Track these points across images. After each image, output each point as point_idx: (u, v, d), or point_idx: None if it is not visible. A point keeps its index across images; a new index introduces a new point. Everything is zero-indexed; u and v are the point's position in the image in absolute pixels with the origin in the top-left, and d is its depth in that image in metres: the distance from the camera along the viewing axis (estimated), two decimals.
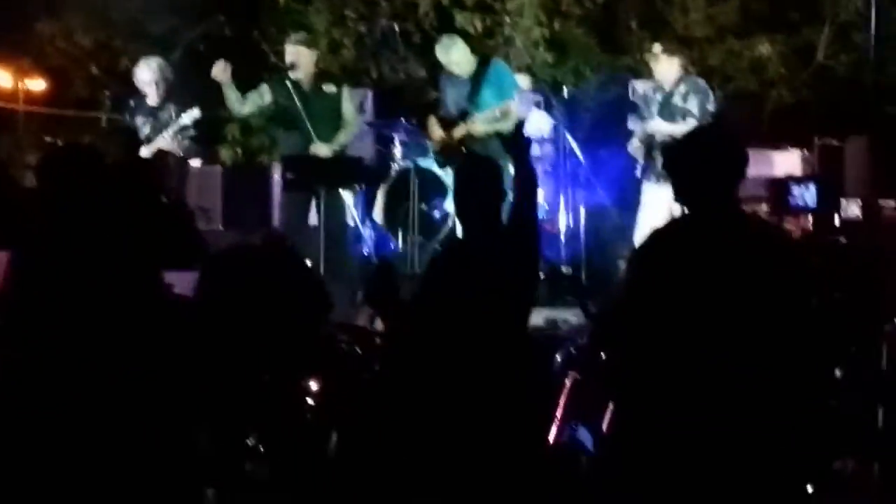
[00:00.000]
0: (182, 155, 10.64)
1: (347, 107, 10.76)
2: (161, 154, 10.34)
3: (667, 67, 11.14)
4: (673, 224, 5.11)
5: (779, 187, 10.11)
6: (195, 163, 14.75)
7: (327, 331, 6.72)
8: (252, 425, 5.79)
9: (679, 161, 4.99)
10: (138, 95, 10.76)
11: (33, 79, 16.27)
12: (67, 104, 15.95)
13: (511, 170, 10.56)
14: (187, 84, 17.02)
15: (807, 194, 9.79)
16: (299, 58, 10.55)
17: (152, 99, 10.68)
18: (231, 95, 10.42)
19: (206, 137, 15.91)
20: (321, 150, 10.27)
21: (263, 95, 10.53)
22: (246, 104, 10.52)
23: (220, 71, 10.27)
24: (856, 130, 13.40)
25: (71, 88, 15.93)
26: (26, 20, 16.60)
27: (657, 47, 11.43)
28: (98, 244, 5.20)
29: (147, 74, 10.73)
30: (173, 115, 10.52)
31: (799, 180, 10.10)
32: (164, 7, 16.83)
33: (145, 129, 10.51)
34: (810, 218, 10.70)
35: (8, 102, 15.91)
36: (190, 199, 11.45)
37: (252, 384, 5.71)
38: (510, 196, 6.33)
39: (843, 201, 10.49)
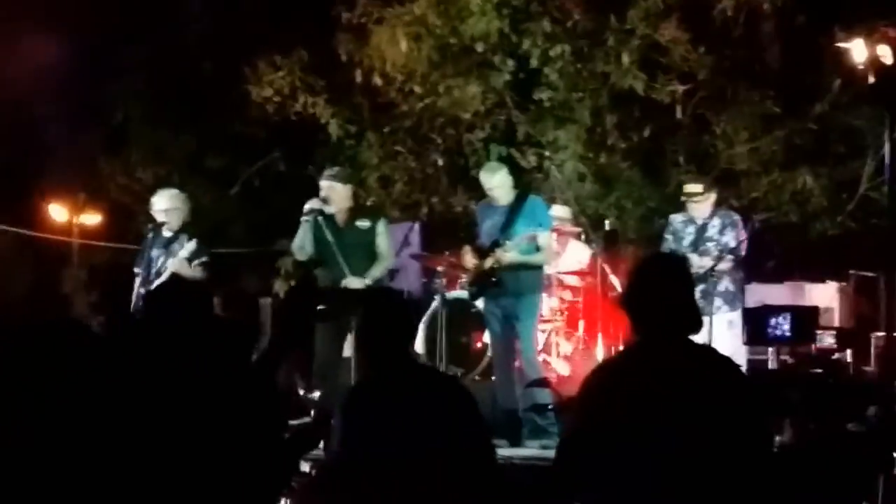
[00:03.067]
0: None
1: (382, 241, 10.88)
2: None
3: (703, 206, 11.36)
4: (620, 354, 5.18)
5: (755, 317, 10.13)
6: None
7: None
8: None
9: (627, 294, 5.01)
10: (157, 227, 11.00)
11: (89, 214, 16.71)
12: (129, 239, 16.33)
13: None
14: (245, 217, 17.59)
15: (784, 324, 9.80)
16: (332, 193, 10.73)
17: (168, 229, 10.92)
18: (302, 233, 10.66)
19: (260, 269, 16.39)
20: (353, 283, 10.43)
21: (306, 232, 10.73)
22: (308, 244, 10.71)
23: (313, 205, 10.56)
24: None
25: (133, 223, 16.24)
26: (87, 157, 17.15)
27: (694, 188, 11.62)
28: None
29: (162, 203, 11.00)
30: (184, 245, 10.75)
31: (775, 310, 10.11)
32: (222, 143, 17.36)
33: (160, 261, 10.76)
34: None
35: (63, 236, 16.35)
36: None
37: None
38: None
39: (818, 332, 10.50)
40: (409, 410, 5.35)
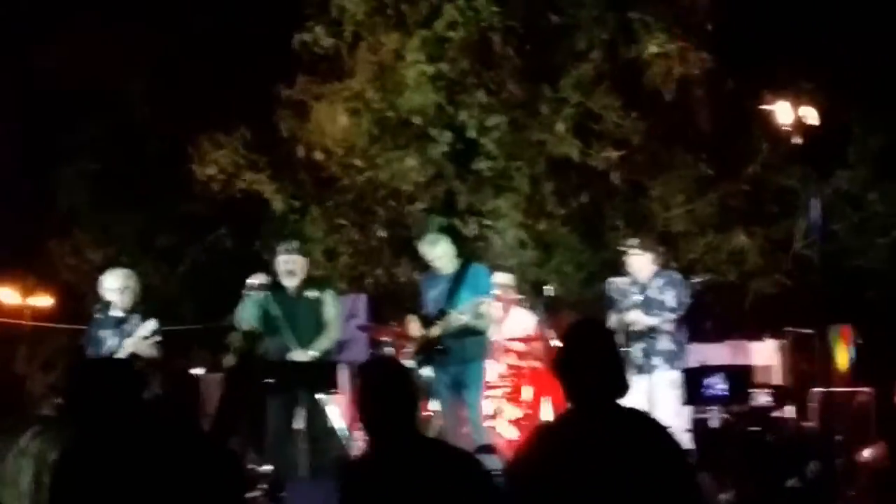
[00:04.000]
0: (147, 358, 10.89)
1: (330, 312, 11.08)
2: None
3: (641, 262, 11.64)
4: (554, 420, 5.29)
5: (692, 377, 10.35)
6: (199, 370, 15.21)
7: None
8: None
9: (557, 361, 5.07)
10: (106, 308, 11.11)
11: (39, 296, 16.81)
12: (81, 320, 16.34)
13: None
14: (193, 294, 17.74)
15: (720, 384, 10.00)
16: (295, 266, 10.97)
17: (118, 308, 11.02)
18: (250, 307, 10.87)
19: (211, 345, 16.52)
20: (301, 356, 10.61)
21: (259, 300, 10.95)
22: (254, 318, 10.94)
23: (256, 282, 10.78)
24: (837, 319, 13.79)
25: (84, 303, 16.31)
26: (38, 240, 17.29)
27: (631, 242, 11.93)
28: None
29: (113, 283, 11.10)
30: (136, 325, 10.85)
31: (711, 371, 10.34)
32: (170, 222, 17.53)
33: (111, 342, 10.85)
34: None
35: (15, 319, 16.43)
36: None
37: None
38: None
39: (755, 390, 10.70)
40: (414, 490, 5.01)
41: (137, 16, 17.01)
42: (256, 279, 10.82)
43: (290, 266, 10.86)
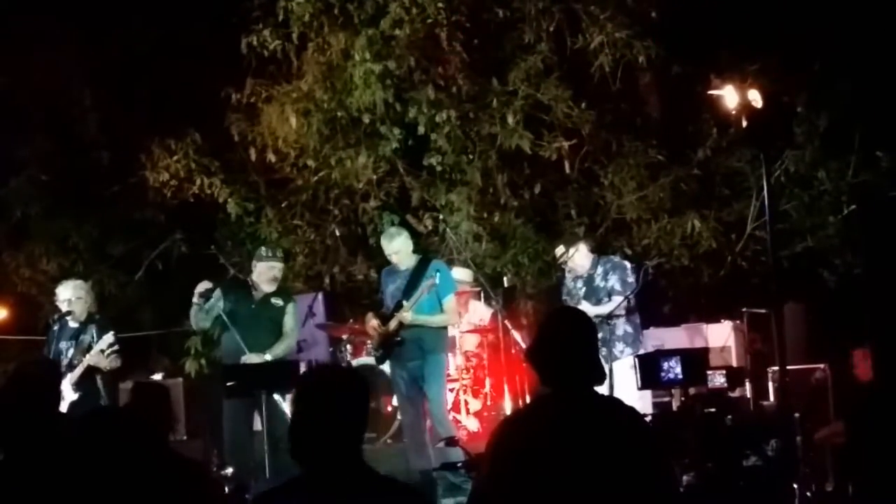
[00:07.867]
0: (108, 369, 10.96)
1: (290, 320, 11.23)
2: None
3: (579, 257, 11.84)
4: (526, 408, 5.35)
5: (648, 362, 10.44)
6: (157, 376, 15.23)
7: None
8: None
9: (534, 348, 5.17)
10: (62, 319, 11.19)
11: None
12: (38, 331, 16.26)
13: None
14: (151, 301, 17.70)
15: (676, 368, 10.06)
16: (279, 273, 11.17)
17: (74, 319, 11.11)
18: (197, 312, 10.96)
19: (170, 350, 16.52)
20: (253, 359, 10.72)
21: (218, 301, 11.05)
22: (208, 318, 11.07)
23: (201, 288, 10.88)
24: (791, 297, 13.91)
25: (40, 314, 16.25)
26: None
27: (559, 251, 12.09)
28: None
29: (67, 293, 11.20)
30: (94, 336, 10.92)
31: (666, 354, 10.41)
32: (124, 229, 17.50)
33: (69, 353, 10.93)
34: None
35: None
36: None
37: None
38: None
39: (709, 373, 10.75)
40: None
41: (81, 26, 16.96)
42: (203, 286, 10.95)
43: (276, 273, 11.12)
